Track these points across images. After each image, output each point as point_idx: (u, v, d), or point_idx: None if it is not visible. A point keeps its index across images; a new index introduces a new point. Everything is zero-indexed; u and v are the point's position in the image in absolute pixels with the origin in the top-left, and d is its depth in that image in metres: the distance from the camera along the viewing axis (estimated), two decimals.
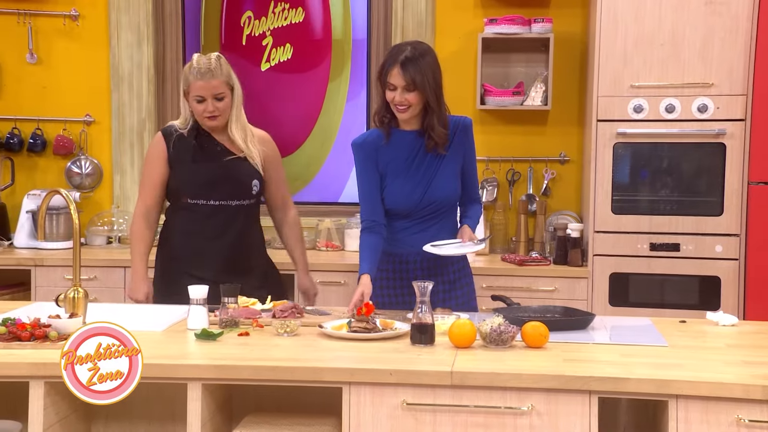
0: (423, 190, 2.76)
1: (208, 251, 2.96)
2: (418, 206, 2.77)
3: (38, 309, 2.67)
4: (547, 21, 4.12)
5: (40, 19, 4.51)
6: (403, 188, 2.76)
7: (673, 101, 3.70)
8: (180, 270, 2.96)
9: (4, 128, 4.53)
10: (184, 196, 2.96)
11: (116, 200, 4.56)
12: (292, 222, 3.18)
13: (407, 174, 2.76)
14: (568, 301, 3.60)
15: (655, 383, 1.99)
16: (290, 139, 4.66)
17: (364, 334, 2.34)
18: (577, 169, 4.35)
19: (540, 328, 2.27)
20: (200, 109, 2.90)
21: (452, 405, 2.05)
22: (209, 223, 2.96)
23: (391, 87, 2.68)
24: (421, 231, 2.79)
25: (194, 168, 2.94)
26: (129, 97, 4.53)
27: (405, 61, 2.65)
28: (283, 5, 4.65)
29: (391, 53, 2.72)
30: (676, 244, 3.73)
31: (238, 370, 2.10)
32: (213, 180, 2.94)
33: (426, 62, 2.67)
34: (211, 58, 2.91)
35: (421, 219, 2.79)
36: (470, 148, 2.84)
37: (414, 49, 2.69)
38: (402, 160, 2.76)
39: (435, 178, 2.76)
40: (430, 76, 2.67)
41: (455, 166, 2.80)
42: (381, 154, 2.78)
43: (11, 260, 4.04)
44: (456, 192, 2.82)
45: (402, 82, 2.65)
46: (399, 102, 2.68)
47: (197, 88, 2.87)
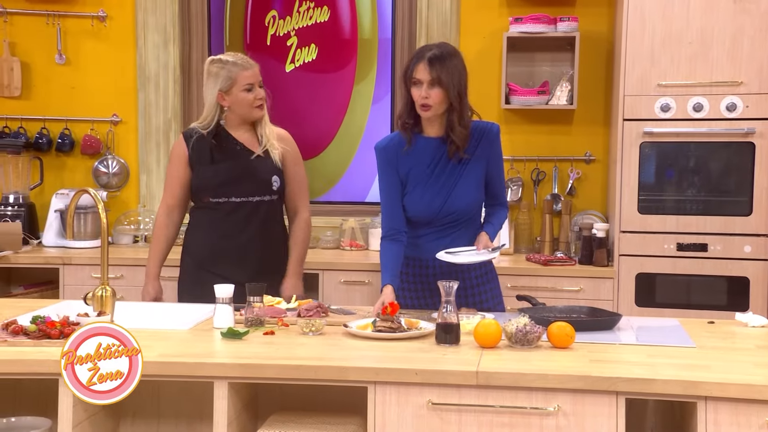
0: (443, 200, 2.73)
1: (230, 248, 2.99)
2: (438, 215, 2.74)
3: (67, 307, 2.70)
4: (573, 20, 4.09)
5: (68, 20, 4.56)
6: (423, 197, 2.73)
7: (701, 100, 3.66)
8: (203, 269, 2.99)
9: (34, 128, 4.58)
10: (206, 196, 3.00)
11: (142, 199, 4.60)
12: (302, 224, 3.15)
13: (428, 182, 2.73)
14: (594, 302, 3.58)
15: (683, 384, 1.97)
16: (315, 141, 4.65)
17: (389, 333, 2.34)
18: (602, 168, 4.32)
19: (566, 329, 2.26)
20: (251, 97, 2.96)
21: (478, 405, 2.04)
22: (231, 219, 2.99)
23: (416, 82, 2.66)
24: (441, 238, 2.75)
25: (215, 167, 2.98)
26: (155, 97, 4.57)
27: (432, 58, 2.64)
28: (308, 4, 4.62)
29: (417, 51, 2.71)
30: (703, 244, 3.69)
31: (264, 369, 2.10)
32: (233, 178, 2.98)
33: (452, 63, 2.66)
34: (238, 54, 3.03)
35: (442, 227, 2.76)
36: (496, 155, 2.79)
37: (441, 48, 2.69)
38: (424, 167, 2.73)
39: (456, 187, 2.72)
40: (456, 75, 2.65)
41: (478, 174, 2.75)
42: (402, 160, 2.75)
43: (40, 259, 4.09)
44: (477, 201, 2.79)
45: (427, 77, 2.63)
46: (423, 97, 2.64)
47: (247, 77, 2.95)
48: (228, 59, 2.98)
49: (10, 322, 2.30)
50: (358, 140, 4.67)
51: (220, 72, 2.95)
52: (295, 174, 3.11)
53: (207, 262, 3.01)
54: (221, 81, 2.95)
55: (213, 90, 2.97)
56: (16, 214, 4.36)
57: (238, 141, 3.02)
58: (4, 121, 4.59)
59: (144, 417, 2.43)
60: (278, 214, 3.12)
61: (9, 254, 4.04)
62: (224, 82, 2.95)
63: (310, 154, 4.65)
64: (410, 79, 2.67)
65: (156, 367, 2.11)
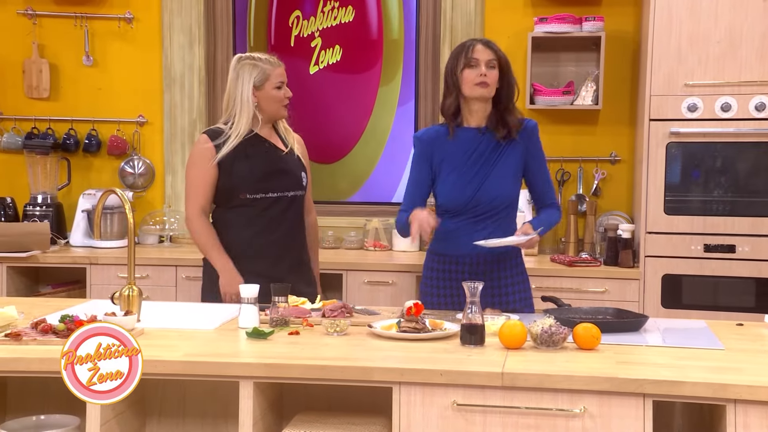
0: (476, 187, 2.76)
1: (268, 245, 3.00)
2: (470, 203, 2.77)
3: (94, 306, 2.72)
4: (598, 19, 4.07)
5: (95, 22, 4.61)
6: (456, 183, 2.77)
7: (729, 100, 3.62)
8: (239, 268, 2.97)
9: (62, 129, 4.63)
10: (242, 193, 2.99)
11: (168, 200, 4.63)
12: (315, 226, 3.27)
13: (462, 169, 2.78)
14: (619, 303, 3.55)
15: (712, 387, 1.95)
16: (339, 144, 4.62)
17: (413, 334, 2.34)
18: (628, 169, 4.29)
19: (592, 330, 2.24)
20: (281, 95, 3.01)
21: (503, 406, 2.03)
22: (267, 215, 3.01)
23: (473, 63, 2.73)
24: (473, 232, 2.77)
25: (251, 164, 2.98)
26: (180, 98, 4.60)
27: (486, 41, 2.79)
28: (333, 3, 4.60)
29: (464, 42, 2.81)
30: (731, 245, 3.65)
31: (289, 369, 2.11)
32: (270, 173, 3.01)
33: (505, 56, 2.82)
34: (263, 53, 3.06)
35: (474, 218, 2.78)
36: (537, 150, 2.85)
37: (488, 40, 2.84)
38: (460, 155, 2.78)
39: (490, 175, 2.77)
40: (508, 67, 2.80)
41: (513, 166, 2.79)
42: (438, 149, 2.80)
43: (67, 258, 4.13)
44: (511, 193, 2.81)
45: (486, 57, 2.73)
46: (482, 74, 2.72)
47: (278, 74, 3.00)
48: (260, 56, 3.01)
49: (39, 321, 2.33)
50: (383, 143, 4.63)
51: (253, 69, 2.97)
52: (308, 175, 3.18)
53: (243, 260, 2.98)
54: (255, 77, 2.96)
55: (246, 85, 2.96)
56: (44, 214, 4.41)
57: (266, 139, 3.04)
58: (32, 122, 4.65)
59: (169, 416, 2.44)
60: (303, 209, 3.16)
61: (37, 254, 4.09)
62: (258, 78, 2.97)
63: (334, 157, 4.64)
64: (468, 61, 2.73)
65: (182, 366, 2.12)
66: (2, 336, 2.27)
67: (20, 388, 2.48)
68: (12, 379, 2.45)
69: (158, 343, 2.29)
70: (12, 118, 4.66)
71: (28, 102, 4.65)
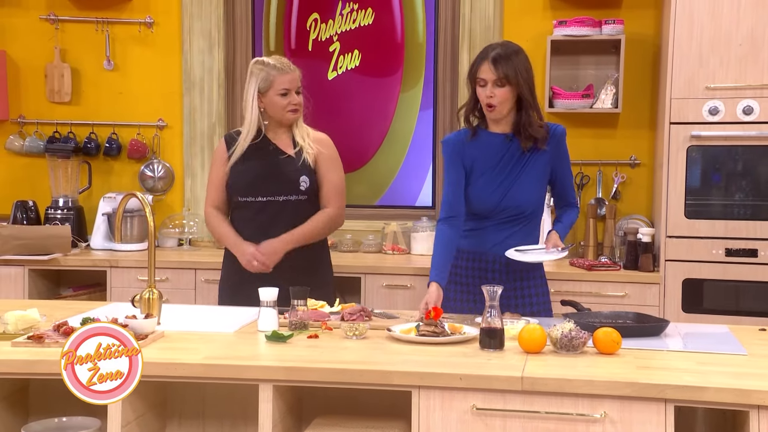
0: (503, 193, 2.76)
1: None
2: (497, 208, 2.77)
3: (115, 309, 2.74)
4: (618, 22, 4.05)
5: (117, 27, 4.64)
6: (484, 189, 2.77)
7: (752, 103, 3.59)
8: (241, 272, 3.01)
9: (83, 133, 4.67)
10: (236, 195, 3.06)
11: (187, 203, 4.65)
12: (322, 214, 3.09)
13: (491, 175, 2.77)
14: (639, 307, 3.53)
15: (734, 393, 1.93)
16: (360, 150, 4.58)
17: (432, 338, 2.33)
18: (648, 172, 4.26)
19: (612, 334, 2.23)
20: (284, 102, 3.01)
21: (523, 411, 2.02)
22: (258, 219, 3.03)
23: (481, 83, 2.70)
24: (501, 230, 2.79)
25: (243, 167, 3.03)
26: (200, 101, 4.62)
27: (496, 57, 2.68)
28: (352, 6, 4.54)
29: (481, 51, 2.75)
30: (753, 249, 3.62)
31: (308, 372, 2.11)
32: (259, 177, 3.02)
33: (518, 59, 2.71)
34: (281, 57, 3.09)
35: (501, 222, 2.79)
36: (563, 156, 2.84)
37: (504, 47, 2.73)
38: (487, 160, 2.77)
39: (516, 182, 2.76)
40: (523, 71, 2.70)
41: (540, 172, 2.79)
42: (467, 152, 2.79)
43: (88, 261, 4.16)
44: (538, 198, 2.82)
45: (492, 76, 2.67)
46: (488, 96, 2.68)
47: (283, 81, 2.99)
48: (269, 62, 3.03)
49: (61, 324, 2.35)
50: (405, 150, 4.58)
51: (259, 73, 3.01)
52: (330, 178, 3.09)
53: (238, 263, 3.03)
54: (259, 82, 3.01)
55: (252, 90, 3.02)
56: (65, 217, 4.45)
57: (272, 142, 3.07)
58: (54, 126, 4.69)
59: (190, 418, 2.45)
60: (309, 215, 3.08)
61: (58, 257, 4.12)
62: (262, 83, 3.00)
63: (354, 166, 4.59)
64: (475, 81, 2.71)
65: (202, 369, 2.13)
66: (25, 338, 2.30)
67: (42, 390, 2.50)
68: (34, 381, 2.47)
69: (178, 346, 2.31)
70: (34, 122, 4.70)
71: (49, 106, 4.70)
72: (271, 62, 3.03)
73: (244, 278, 3.00)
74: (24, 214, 4.46)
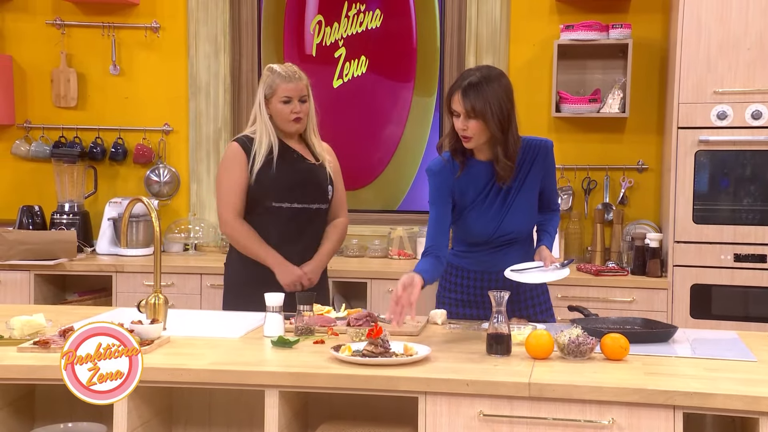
0: (497, 224, 2.66)
1: (288, 253, 3.01)
2: (491, 237, 2.68)
3: (121, 314, 2.73)
4: (625, 26, 4.03)
5: (122, 32, 4.65)
6: (477, 221, 2.66)
7: (761, 107, 3.57)
8: (258, 275, 2.98)
9: (89, 138, 4.68)
10: (268, 200, 3.01)
11: (193, 208, 4.65)
12: (340, 224, 3.17)
13: (482, 207, 2.65)
14: (647, 313, 3.51)
15: (744, 400, 1.91)
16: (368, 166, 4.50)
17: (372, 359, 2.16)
18: (655, 177, 4.25)
19: (620, 340, 2.21)
20: (287, 110, 2.99)
21: (530, 417, 2.01)
22: (291, 225, 3.03)
23: (455, 113, 2.56)
24: (494, 253, 2.71)
25: (276, 173, 3.00)
26: (206, 106, 4.62)
27: (467, 87, 2.49)
28: (358, 7, 4.35)
29: (458, 78, 2.59)
30: (762, 255, 3.59)
31: (315, 378, 2.10)
32: (296, 183, 3.02)
33: (492, 89, 2.49)
34: (290, 65, 3.06)
35: (494, 247, 2.71)
36: (550, 169, 2.70)
37: (482, 74, 2.52)
38: (477, 191, 2.65)
39: (510, 211, 2.65)
40: (496, 103, 2.49)
41: (532, 195, 2.68)
42: (457, 184, 2.65)
43: (93, 266, 4.16)
44: (532, 222, 2.73)
45: (462, 109, 2.50)
46: (461, 129, 2.54)
47: (286, 89, 2.98)
48: (276, 69, 3.03)
49: (66, 329, 2.34)
50: (419, 160, 4.48)
51: (266, 80, 3.03)
52: (339, 188, 3.17)
53: (262, 267, 3.00)
54: (266, 88, 3.02)
55: (260, 95, 3.03)
56: (71, 222, 4.45)
57: (295, 150, 3.06)
58: (60, 131, 4.69)
59: (195, 424, 2.44)
60: (325, 224, 3.14)
61: (64, 262, 4.12)
62: (267, 90, 3.01)
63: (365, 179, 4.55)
64: (450, 110, 2.57)
65: (208, 375, 2.12)
66: (31, 344, 2.29)
67: (48, 396, 2.49)
68: (40, 386, 2.47)
69: (184, 352, 2.30)
70: (40, 127, 4.71)
71: (55, 111, 4.70)
72: (278, 69, 3.03)
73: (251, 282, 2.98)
74: (30, 219, 4.46)
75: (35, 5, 4.69)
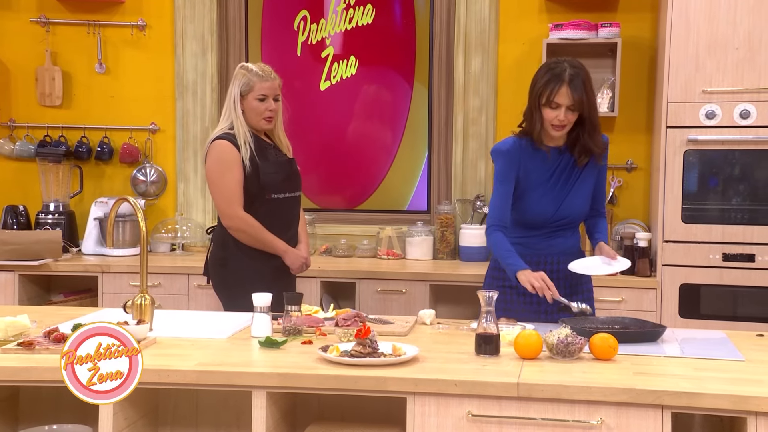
0: (557, 206, 2.81)
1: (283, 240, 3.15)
2: (550, 219, 2.82)
3: (106, 315, 2.70)
4: (614, 26, 4.03)
5: (108, 30, 4.61)
6: (539, 202, 2.81)
7: (749, 107, 3.58)
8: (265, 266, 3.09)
9: (74, 137, 4.64)
10: (269, 192, 3.12)
11: (180, 207, 4.62)
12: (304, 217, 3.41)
13: (544, 189, 2.81)
14: (636, 313, 3.51)
15: (732, 399, 1.91)
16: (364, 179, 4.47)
17: (360, 359, 2.15)
18: (644, 176, 4.25)
19: (609, 340, 2.21)
20: (262, 107, 3.11)
21: (518, 417, 2.01)
22: (285, 215, 3.19)
23: (554, 105, 2.69)
24: (548, 239, 2.85)
25: (271, 166, 3.13)
26: (193, 105, 4.59)
27: (572, 80, 2.68)
28: (347, 1, 4.14)
29: (551, 71, 2.71)
30: (750, 254, 3.60)
31: (302, 379, 2.09)
32: (288, 174, 3.19)
33: (588, 81, 2.72)
34: (264, 65, 3.19)
35: (550, 231, 2.85)
36: (605, 166, 2.93)
37: (575, 67, 2.72)
38: (541, 173, 2.80)
39: (569, 195, 2.82)
40: (591, 92, 2.73)
41: (590, 184, 2.86)
42: (523, 164, 2.80)
43: (79, 267, 4.13)
44: (586, 209, 2.90)
45: (569, 102, 2.68)
46: (561, 119, 2.70)
47: (262, 87, 3.10)
48: (252, 67, 3.14)
49: (51, 330, 2.31)
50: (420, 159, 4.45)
51: (242, 78, 3.12)
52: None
53: (262, 257, 3.10)
54: (242, 85, 3.11)
55: (235, 92, 3.11)
56: (56, 222, 4.41)
57: (268, 143, 3.19)
58: (45, 129, 4.65)
59: (182, 425, 2.42)
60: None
61: (49, 262, 4.08)
62: (243, 87, 3.10)
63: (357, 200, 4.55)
64: (548, 103, 2.69)
65: (195, 376, 2.11)
66: (15, 345, 2.26)
67: (33, 398, 2.46)
68: (24, 388, 2.44)
69: (171, 353, 2.28)
70: (24, 126, 4.67)
71: (40, 110, 4.66)
72: (254, 68, 3.13)
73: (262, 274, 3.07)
74: (14, 219, 4.42)
75: (19, 2, 4.65)
